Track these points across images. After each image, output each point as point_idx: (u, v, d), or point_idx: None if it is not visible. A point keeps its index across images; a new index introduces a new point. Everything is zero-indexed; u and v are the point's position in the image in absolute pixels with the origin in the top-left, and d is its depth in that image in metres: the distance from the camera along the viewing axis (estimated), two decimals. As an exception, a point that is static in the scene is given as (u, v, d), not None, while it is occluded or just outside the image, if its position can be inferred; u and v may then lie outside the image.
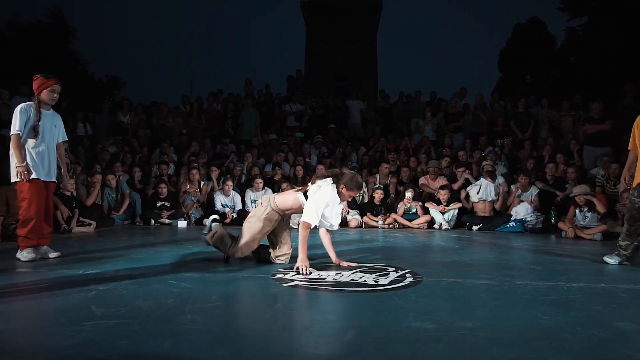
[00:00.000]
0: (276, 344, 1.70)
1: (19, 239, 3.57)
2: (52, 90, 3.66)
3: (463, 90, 10.60)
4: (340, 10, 21.44)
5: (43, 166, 3.62)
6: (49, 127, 3.70)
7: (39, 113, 3.60)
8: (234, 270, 3.22)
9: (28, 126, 3.55)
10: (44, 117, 3.65)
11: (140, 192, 7.58)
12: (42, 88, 3.63)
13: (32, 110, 3.58)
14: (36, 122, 3.57)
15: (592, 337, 1.81)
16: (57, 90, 3.68)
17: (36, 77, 3.67)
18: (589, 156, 7.75)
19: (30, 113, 3.57)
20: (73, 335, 1.74)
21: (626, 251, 3.65)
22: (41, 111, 3.63)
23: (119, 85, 25.86)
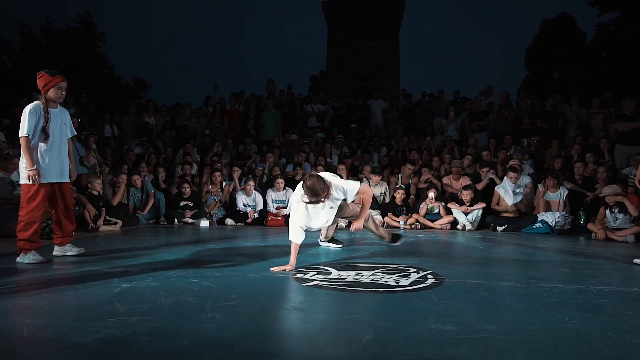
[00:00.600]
0: (295, 344, 1.69)
1: (21, 243, 3.43)
2: (60, 87, 3.52)
3: (489, 88, 10.36)
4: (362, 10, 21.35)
5: (55, 168, 3.54)
6: (59, 125, 3.59)
7: (47, 113, 3.47)
8: (255, 269, 3.23)
9: (38, 128, 3.44)
10: (53, 117, 3.53)
11: (164, 192, 7.73)
12: (49, 86, 3.48)
13: (40, 111, 3.46)
14: (44, 123, 3.45)
15: (624, 343, 1.73)
16: (64, 87, 3.55)
17: (40, 75, 3.51)
18: (621, 155, 7.45)
19: (39, 114, 3.45)
20: (97, 331, 1.78)
21: None
22: (49, 111, 3.51)
23: (145, 87, 26.51)
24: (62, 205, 3.73)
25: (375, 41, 21.35)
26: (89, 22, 23.20)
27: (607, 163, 7.26)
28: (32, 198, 3.46)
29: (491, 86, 10.36)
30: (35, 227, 3.48)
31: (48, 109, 3.51)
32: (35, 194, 3.47)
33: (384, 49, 21.41)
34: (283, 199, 7.38)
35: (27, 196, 3.46)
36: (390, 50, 21.78)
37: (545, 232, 6.15)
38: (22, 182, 3.50)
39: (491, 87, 10.34)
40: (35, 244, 3.49)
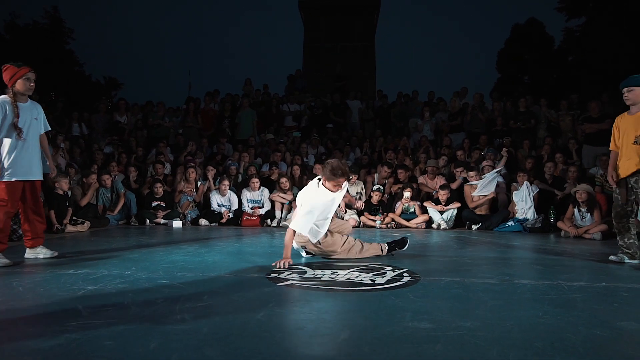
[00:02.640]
0: (269, 344, 1.63)
1: None
2: (27, 78, 3.32)
3: (464, 89, 10.54)
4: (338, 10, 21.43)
5: (22, 165, 3.33)
6: (29, 120, 3.39)
7: (16, 108, 3.26)
8: (229, 270, 3.15)
9: (6, 124, 3.25)
10: (23, 111, 3.32)
11: (136, 192, 7.51)
12: (15, 78, 3.28)
13: (7, 106, 3.25)
14: (14, 118, 3.25)
15: (595, 336, 1.75)
16: (32, 78, 3.34)
17: (6, 67, 3.31)
18: (588, 155, 7.70)
19: (7, 109, 3.24)
20: (55, 336, 1.67)
21: (628, 249, 3.64)
22: (18, 105, 3.30)
23: (117, 86, 25.78)
24: (32, 204, 3.52)
25: (352, 41, 21.46)
26: (57, 18, 22.39)
27: (575, 163, 7.47)
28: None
29: (465, 87, 10.54)
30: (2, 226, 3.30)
31: (17, 103, 3.31)
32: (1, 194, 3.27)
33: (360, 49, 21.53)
34: (258, 198, 7.28)
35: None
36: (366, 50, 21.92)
37: (517, 231, 6.28)
38: None
39: (465, 88, 10.53)
40: (2, 245, 3.32)
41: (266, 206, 7.23)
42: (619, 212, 3.68)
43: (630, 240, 3.63)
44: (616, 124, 3.77)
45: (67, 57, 22.43)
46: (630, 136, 3.56)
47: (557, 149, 8.11)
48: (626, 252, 3.65)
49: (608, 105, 8.45)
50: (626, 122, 3.66)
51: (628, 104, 3.65)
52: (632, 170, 3.53)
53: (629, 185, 3.59)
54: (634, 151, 3.52)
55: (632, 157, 3.53)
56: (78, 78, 22.38)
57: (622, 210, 3.65)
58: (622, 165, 3.62)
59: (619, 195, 3.68)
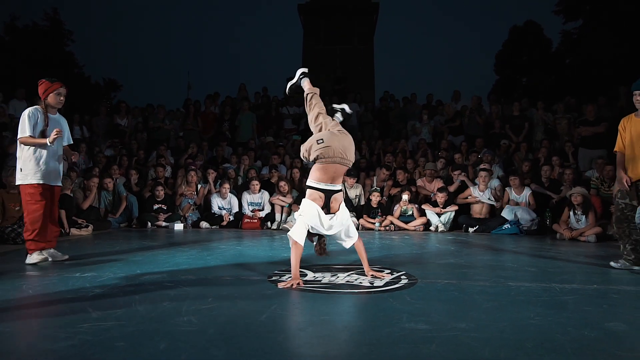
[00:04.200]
0: (272, 345, 1.71)
1: (27, 243, 3.57)
2: (59, 93, 3.68)
3: (456, 92, 10.66)
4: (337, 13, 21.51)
5: (49, 171, 3.63)
6: None
7: (46, 118, 3.63)
8: (230, 272, 3.23)
9: (36, 131, 3.58)
10: (52, 122, 3.68)
11: (137, 195, 7.58)
12: (48, 92, 3.65)
13: (39, 115, 3.61)
14: (44, 127, 3.60)
15: (583, 337, 1.83)
16: (63, 93, 3.72)
17: (41, 82, 3.68)
18: (584, 158, 7.80)
19: (38, 118, 3.60)
20: (69, 337, 1.75)
21: (629, 256, 3.58)
22: (49, 116, 3.66)
23: (117, 87, 25.86)
24: (51, 209, 3.74)
25: (351, 44, 21.56)
26: (57, 20, 22.49)
27: (571, 166, 7.57)
28: (30, 199, 3.54)
29: (458, 90, 10.66)
30: (38, 227, 3.54)
31: (47, 114, 3.65)
32: (33, 194, 3.54)
33: (359, 52, 21.63)
34: (259, 201, 7.36)
35: (26, 198, 3.56)
36: (365, 53, 22.02)
37: (513, 233, 6.37)
38: (18, 183, 3.59)
39: (458, 91, 10.65)
40: (39, 244, 3.57)
41: (266, 209, 7.31)
42: (619, 217, 3.63)
43: (632, 247, 3.55)
44: (622, 125, 3.70)
45: (67, 59, 22.51)
46: None
47: (554, 152, 8.21)
48: (627, 258, 3.58)
49: (604, 108, 8.57)
50: (636, 125, 3.60)
51: (638, 107, 3.58)
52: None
53: (634, 191, 3.53)
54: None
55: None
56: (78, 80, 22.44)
57: (622, 215, 3.60)
58: (633, 169, 3.55)
59: (620, 199, 3.62)
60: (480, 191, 7.01)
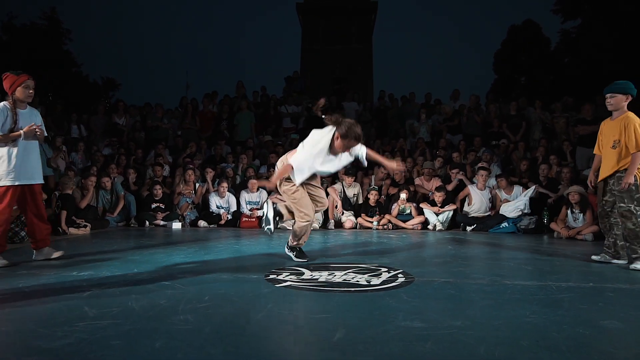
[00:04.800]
0: (268, 343, 1.72)
1: None
2: (27, 86, 3.46)
3: (456, 91, 10.67)
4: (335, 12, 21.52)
5: (24, 170, 3.44)
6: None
7: (15, 115, 3.41)
8: (228, 271, 3.23)
9: (5, 129, 3.37)
10: (21, 118, 3.46)
11: (135, 194, 7.58)
12: (15, 86, 3.43)
13: (7, 111, 3.40)
14: (12, 124, 3.39)
15: (578, 335, 1.84)
16: (31, 85, 3.49)
17: (5, 76, 3.48)
18: (582, 157, 7.82)
19: (7, 115, 3.39)
20: (65, 336, 1.75)
21: (609, 249, 3.81)
22: (17, 112, 3.44)
23: (115, 86, 25.82)
24: (34, 208, 3.61)
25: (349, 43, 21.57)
26: (55, 19, 22.42)
27: (569, 165, 7.58)
28: (3, 201, 3.36)
29: (458, 89, 10.69)
30: (1, 230, 3.39)
31: (16, 110, 3.45)
32: (1, 197, 3.37)
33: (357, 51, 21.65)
34: (257, 200, 7.36)
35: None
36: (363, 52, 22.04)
37: (511, 232, 6.38)
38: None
39: (458, 90, 10.66)
40: (2, 248, 3.43)
41: (264, 208, 7.29)
42: (600, 213, 3.85)
43: (612, 240, 3.78)
44: (600, 129, 3.92)
45: (65, 58, 22.46)
46: (609, 140, 3.71)
47: (552, 151, 8.22)
48: (608, 252, 3.81)
49: (601, 107, 8.56)
50: (608, 127, 3.80)
51: (610, 109, 3.76)
52: (609, 173, 3.69)
53: (607, 187, 3.74)
54: (612, 155, 3.68)
55: (610, 160, 3.68)
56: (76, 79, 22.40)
57: (602, 211, 3.81)
58: (602, 168, 3.80)
59: (602, 196, 3.83)
60: (479, 189, 7.02)
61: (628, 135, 3.53)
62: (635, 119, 3.60)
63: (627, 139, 3.54)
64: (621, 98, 3.65)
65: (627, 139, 3.55)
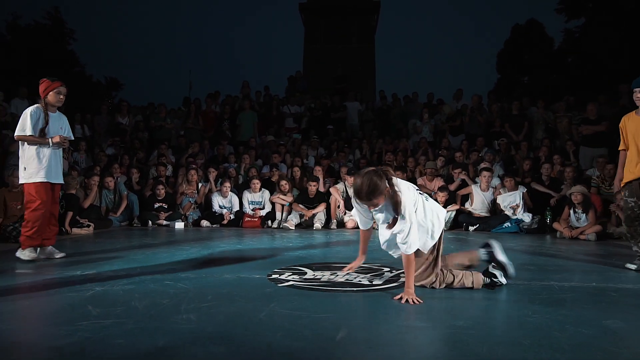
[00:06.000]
0: (270, 343, 1.72)
1: (21, 238, 3.63)
2: (59, 92, 3.74)
3: (459, 90, 10.66)
4: (338, 12, 21.51)
5: (51, 169, 3.68)
6: (56, 129, 3.77)
7: (46, 116, 3.68)
8: (231, 271, 3.24)
9: (36, 130, 3.63)
10: (52, 120, 3.73)
11: (138, 194, 7.60)
12: (48, 90, 3.72)
13: (40, 113, 3.67)
14: (44, 125, 3.65)
15: (580, 334, 1.84)
16: (63, 92, 3.78)
17: (42, 81, 3.76)
18: (585, 157, 7.79)
19: (39, 116, 3.66)
20: (69, 335, 1.76)
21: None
22: (49, 114, 3.71)
23: (118, 86, 25.89)
24: (52, 207, 3.78)
25: (351, 43, 21.56)
26: (58, 19, 22.50)
27: (572, 164, 7.56)
28: (33, 197, 3.58)
29: (461, 89, 10.65)
30: (37, 225, 3.59)
31: (47, 112, 3.71)
32: (35, 193, 3.58)
33: (360, 50, 21.63)
34: (259, 200, 7.37)
35: (29, 197, 3.61)
36: (366, 52, 22.01)
37: (514, 232, 6.37)
38: (21, 182, 3.66)
39: (461, 90, 10.64)
40: (34, 241, 3.62)
41: (267, 208, 7.32)
42: (629, 216, 3.53)
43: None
44: (623, 123, 3.68)
45: (69, 58, 22.54)
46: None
47: (555, 151, 8.20)
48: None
49: (605, 106, 8.54)
50: (635, 122, 3.57)
51: (638, 104, 3.55)
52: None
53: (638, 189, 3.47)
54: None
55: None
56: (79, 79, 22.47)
57: (632, 213, 3.51)
58: (635, 167, 3.50)
59: (628, 197, 3.54)
60: (483, 190, 7.00)
61: None
62: None
63: None
64: None
65: None
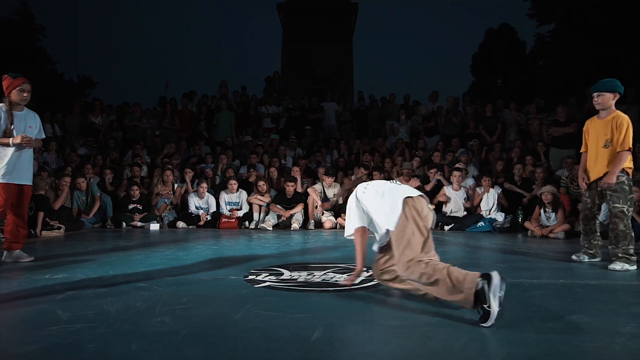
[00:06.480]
0: (246, 344, 1.72)
1: None
2: (22, 89, 3.57)
3: (434, 93, 10.85)
4: (316, 13, 21.54)
5: (17, 169, 3.54)
6: (23, 128, 3.61)
7: (11, 115, 3.53)
8: (207, 272, 3.21)
9: (0, 130, 3.48)
10: (17, 119, 3.57)
11: (112, 195, 7.44)
12: (10, 88, 3.56)
13: (2, 113, 3.52)
14: (8, 125, 3.50)
15: (548, 329, 1.90)
16: (26, 89, 3.61)
17: (4, 78, 3.59)
18: (555, 158, 8.05)
19: (1, 116, 3.50)
20: (36, 341, 1.71)
21: (590, 250, 3.80)
22: (13, 113, 3.55)
23: (91, 85, 25.20)
24: (19, 209, 3.65)
25: (330, 44, 21.62)
26: (27, 14, 21.76)
27: (543, 165, 7.80)
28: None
29: (436, 91, 10.86)
30: None
31: (12, 111, 3.55)
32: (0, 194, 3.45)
33: (338, 51, 21.71)
34: (236, 200, 7.32)
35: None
36: (344, 53, 22.12)
37: (487, 231, 6.52)
38: None
39: (436, 92, 10.84)
40: None
41: (244, 208, 7.27)
42: (587, 215, 3.77)
43: (595, 242, 3.77)
44: (586, 127, 3.85)
45: (39, 55, 21.81)
46: (601, 140, 3.63)
47: (527, 152, 8.44)
48: (588, 252, 3.79)
49: (574, 109, 8.85)
50: (596, 126, 3.72)
51: (598, 108, 3.69)
52: (602, 173, 3.60)
53: (598, 188, 3.66)
54: (604, 154, 3.60)
55: (603, 160, 3.60)
56: (50, 77, 21.78)
57: (590, 213, 3.75)
58: (593, 169, 3.69)
59: (587, 198, 3.76)
60: (455, 190, 7.14)
61: (620, 134, 3.47)
62: (626, 117, 3.55)
63: (619, 138, 3.48)
64: (609, 96, 3.59)
65: (618, 138, 3.48)
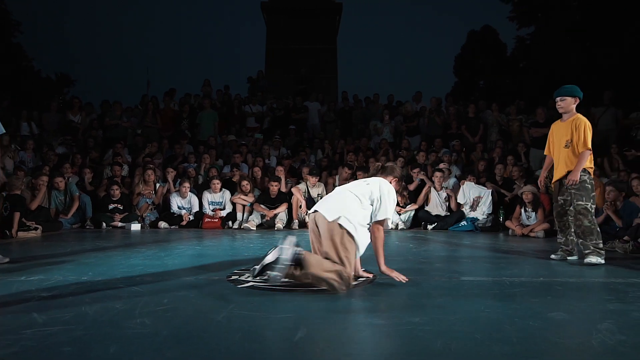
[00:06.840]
0: (229, 345, 1.70)
1: None
2: None
3: (418, 93, 10.94)
4: (300, 12, 21.54)
5: None
6: None
7: None
8: (189, 273, 3.17)
9: None
10: None
11: (91, 194, 7.28)
12: None
13: None
14: None
15: (528, 326, 1.93)
16: None
17: None
18: (535, 158, 8.20)
19: None
20: (10, 344, 1.66)
21: (566, 247, 3.93)
22: None
23: (70, 83, 24.65)
24: None
25: (314, 44, 21.64)
26: (2, 10, 21.15)
27: (523, 165, 7.94)
28: None
29: (420, 92, 10.96)
30: None
31: None
32: None
33: (322, 51, 21.75)
34: (220, 200, 7.25)
35: None
36: (328, 53, 22.17)
37: (469, 230, 6.61)
38: None
39: (420, 93, 10.94)
40: None
41: (227, 208, 7.21)
42: (559, 212, 3.95)
43: (571, 237, 3.91)
44: (551, 131, 4.08)
45: (14, 51, 21.22)
46: (562, 141, 3.86)
47: (508, 152, 8.58)
48: (565, 249, 3.92)
49: (553, 110, 9.00)
50: (559, 128, 3.96)
51: (560, 111, 3.93)
52: (564, 173, 3.82)
53: (563, 187, 3.86)
54: (564, 155, 3.82)
55: (564, 160, 3.83)
56: (27, 74, 21.22)
57: (561, 209, 3.92)
58: (556, 169, 3.94)
59: (558, 195, 3.95)
60: (436, 190, 7.21)
61: (579, 135, 3.69)
62: (585, 119, 3.78)
63: (578, 139, 3.70)
64: (570, 100, 3.82)
65: (577, 139, 3.70)
